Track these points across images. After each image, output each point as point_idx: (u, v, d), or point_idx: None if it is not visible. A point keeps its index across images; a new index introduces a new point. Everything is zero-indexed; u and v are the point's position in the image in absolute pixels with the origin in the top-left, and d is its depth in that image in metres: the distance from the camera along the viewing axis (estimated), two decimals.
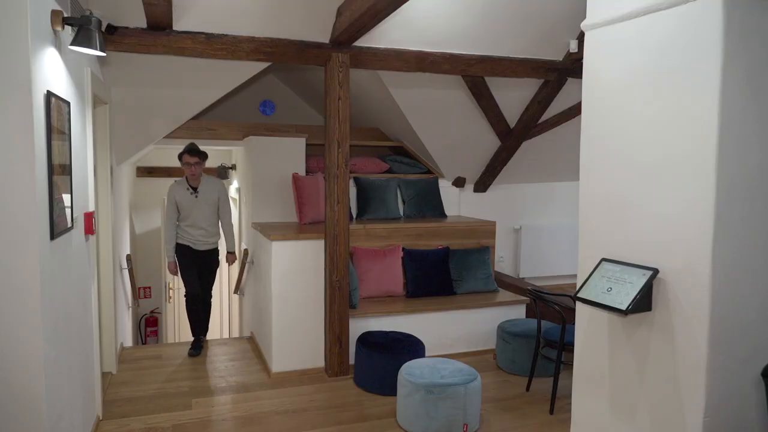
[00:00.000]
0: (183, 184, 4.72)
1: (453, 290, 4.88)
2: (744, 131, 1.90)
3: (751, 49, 1.88)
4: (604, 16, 2.26)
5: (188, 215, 4.71)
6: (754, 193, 1.94)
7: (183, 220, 4.76)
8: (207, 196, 4.75)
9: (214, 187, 4.80)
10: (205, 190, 4.74)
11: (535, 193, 6.29)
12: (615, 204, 2.25)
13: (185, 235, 4.75)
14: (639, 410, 2.16)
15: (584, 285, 2.25)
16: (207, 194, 4.75)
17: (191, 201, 4.70)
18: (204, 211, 4.74)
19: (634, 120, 2.15)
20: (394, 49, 4.12)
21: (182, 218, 4.76)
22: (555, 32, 4.37)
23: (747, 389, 2.00)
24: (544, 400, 3.79)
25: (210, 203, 4.76)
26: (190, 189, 4.71)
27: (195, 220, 4.72)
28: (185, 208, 4.70)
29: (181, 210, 4.72)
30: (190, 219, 4.72)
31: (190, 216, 4.71)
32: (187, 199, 4.70)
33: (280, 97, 6.78)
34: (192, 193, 4.70)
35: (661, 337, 2.06)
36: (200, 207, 4.71)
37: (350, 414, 3.61)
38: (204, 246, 4.81)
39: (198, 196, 4.70)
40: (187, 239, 4.76)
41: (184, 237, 4.77)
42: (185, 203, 4.70)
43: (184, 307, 4.98)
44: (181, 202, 4.69)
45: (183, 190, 4.71)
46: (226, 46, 3.73)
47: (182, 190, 4.71)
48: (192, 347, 4.84)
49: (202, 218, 4.74)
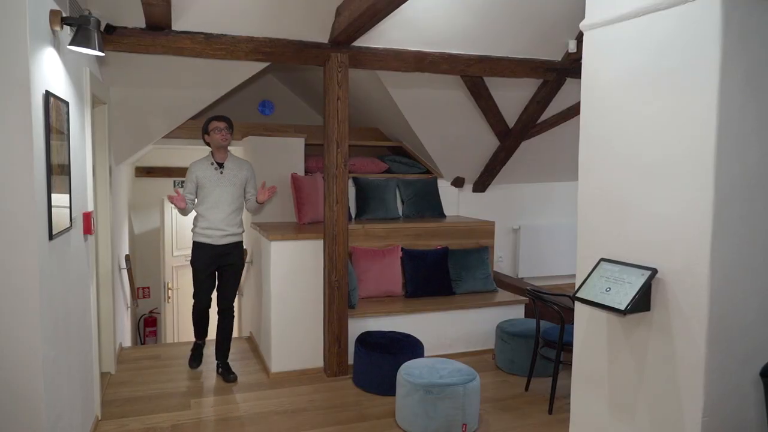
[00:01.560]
0: (207, 159, 4.05)
1: (452, 290, 4.88)
2: (743, 131, 1.90)
3: (750, 49, 1.88)
4: (603, 16, 2.26)
5: (209, 195, 3.97)
6: (753, 193, 1.95)
7: (202, 202, 4.00)
8: (234, 173, 4.04)
9: (243, 166, 4.12)
10: (232, 167, 4.05)
11: (534, 193, 6.30)
12: (614, 204, 2.25)
13: (202, 224, 4.02)
14: (638, 410, 2.17)
15: (583, 285, 2.25)
16: (234, 171, 4.05)
17: (215, 178, 3.98)
18: (229, 193, 4.01)
19: (633, 120, 2.15)
20: (392, 49, 4.12)
21: (201, 200, 4.01)
22: (554, 32, 4.37)
23: (746, 389, 2.00)
24: (543, 400, 3.79)
25: (236, 183, 4.04)
26: (215, 164, 4.02)
27: (217, 202, 3.97)
28: (206, 186, 3.97)
29: (201, 189, 3.99)
30: (211, 200, 3.97)
31: (211, 196, 3.97)
32: (210, 175, 3.98)
33: (279, 97, 6.78)
34: (217, 168, 4.01)
35: (660, 337, 2.06)
36: (224, 186, 3.99)
37: (349, 414, 3.61)
38: (225, 239, 4.04)
39: (224, 172, 4.01)
40: (204, 233, 4.02)
41: (200, 229, 4.03)
42: (207, 180, 3.97)
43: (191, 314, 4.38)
44: (203, 178, 3.98)
45: (206, 165, 4.01)
46: (225, 46, 3.73)
47: (205, 165, 4.02)
48: (192, 354, 4.41)
49: (226, 200, 3.99)
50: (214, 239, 4.02)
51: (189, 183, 4.04)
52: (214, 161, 4.04)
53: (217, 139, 3.98)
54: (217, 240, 4.03)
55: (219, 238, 4.03)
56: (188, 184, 4.04)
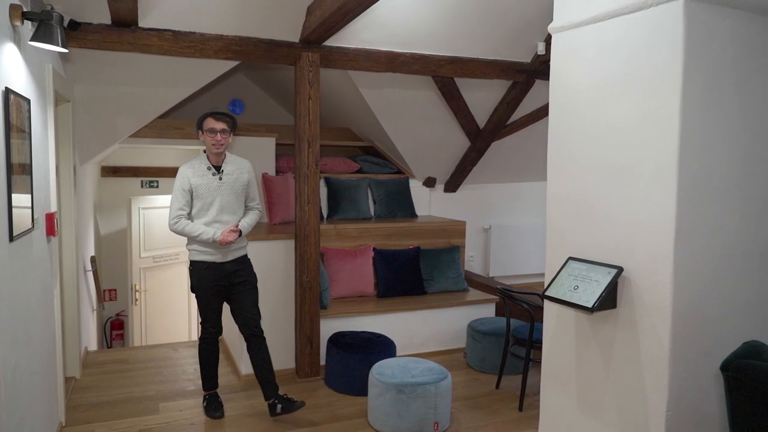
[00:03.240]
0: (200, 162, 3.40)
1: (424, 290, 4.91)
2: (705, 134, 1.96)
3: (712, 53, 1.94)
4: (571, 19, 2.30)
5: (207, 207, 3.35)
6: (714, 193, 2.00)
7: (199, 215, 3.36)
8: (234, 178, 3.42)
9: (242, 167, 3.51)
10: (231, 170, 3.43)
11: (505, 193, 6.37)
12: (581, 204, 2.29)
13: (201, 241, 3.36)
14: (605, 406, 2.21)
15: (552, 283, 2.29)
16: (234, 176, 3.43)
17: (212, 186, 3.35)
18: (230, 201, 3.40)
19: (599, 122, 2.20)
20: (364, 49, 4.12)
21: (197, 213, 3.36)
22: (523, 34, 4.43)
23: (707, 383, 2.06)
24: (513, 397, 3.84)
25: (238, 189, 3.44)
26: (212, 169, 3.39)
27: (217, 214, 3.36)
28: (203, 195, 3.34)
29: (198, 199, 3.34)
30: (210, 213, 3.35)
31: (210, 208, 3.35)
32: (207, 183, 3.34)
33: (249, 96, 6.70)
34: (214, 174, 3.37)
35: (626, 333, 2.10)
36: (225, 194, 3.39)
37: (321, 415, 3.59)
38: (230, 254, 3.43)
39: (222, 178, 3.38)
40: (205, 250, 3.38)
41: (200, 246, 3.38)
42: (204, 189, 3.33)
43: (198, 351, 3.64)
44: (199, 187, 3.32)
45: (201, 171, 3.36)
46: (194, 44, 3.67)
47: (200, 170, 3.36)
48: (208, 404, 3.61)
49: (228, 210, 3.39)
50: (219, 256, 3.39)
51: (182, 193, 3.32)
52: (211, 165, 3.40)
53: (210, 144, 3.35)
54: (223, 257, 3.40)
55: (225, 254, 3.41)
56: (180, 195, 3.32)
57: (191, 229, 3.32)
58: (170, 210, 3.35)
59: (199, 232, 3.30)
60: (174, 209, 3.33)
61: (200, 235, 3.30)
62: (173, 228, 3.34)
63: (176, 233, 3.37)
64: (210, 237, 3.29)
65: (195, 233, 3.31)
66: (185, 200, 3.34)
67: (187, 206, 3.35)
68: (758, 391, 1.76)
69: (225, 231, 3.32)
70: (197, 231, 3.31)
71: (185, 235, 3.36)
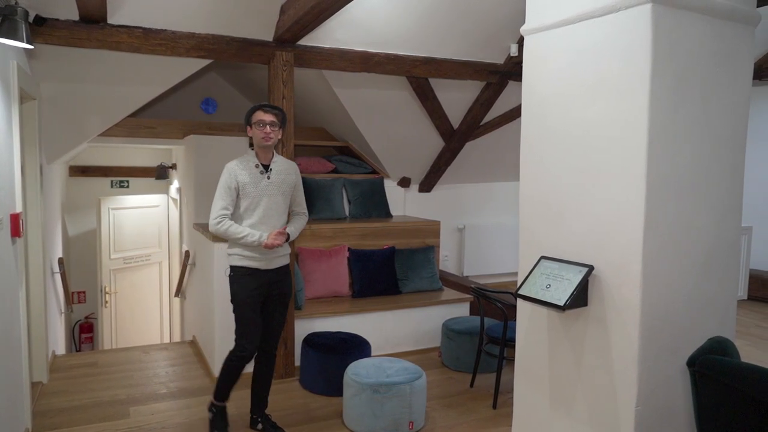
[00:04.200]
0: (248, 159, 3.14)
1: (399, 289, 4.92)
2: (672, 134, 2.00)
3: (679, 56, 1.99)
4: (542, 21, 2.33)
5: (255, 206, 3.10)
6: (682, 192, 2.05)
7: (244, 216, 3.11)
8: (282, 178, 3.18)
9: (291, 168, 3.27)
10: (280, 169, 3.19)
11: (479, 193, 6.43)
12: (553, 204, 2.32)
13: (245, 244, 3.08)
14: (576, 402, 2.25)
15: (525, 282, 2.31)
16: (282, 176, 3.19)
17: (261, 184, 3.10)
18: (277, 202, 3.16)
19: (570, 123, 2.23)
20: (338, 49, 4.11)
21: (243, 213, 3.11)
22: (496, 36, 4.48)
23: (675, 378, 2.11)
24: (487, 395, 3.87)
25: (285, 190, 3.20)
26: (261, 167, 3.13)
27: (265, 215, 3.11)
28: (251, 194, 3.08)
29: (244, 198, 3.08)
30: (258, 212, 3.10)
31: (258, 207, 3.10)
32: (255, 181, 3.09)
33: (222, 95, 6.63)
34: (262, 172, 3.12)
35: (597, 331, 2.14)
36: (273, 195, 3.14)
37: (296, 416, 3.57)
38: (275, 261, 3.19)
39: (270, 177, 3.14)
40: (250, 255, 3.10)
41: (245, 250, 3.10)
42: (251, 188, 3.08)
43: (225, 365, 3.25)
44: (247, 185, 3.07)
45: (249, 168, 3.10)
46: (165, 42, 3.61)
47: (247, 167, 3.10)
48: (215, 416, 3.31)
49: (276, 213, 3.16)
50: (264, 263, 3.13)
51: (227, 191, 3.06)
52: (259, 163, 3.14)
53: (259, 138, 3.08)
54: (267, 264, 3.14)
55: (270, 261, 3.15)
56: (225, 193, 3.06)
57: (235, 231, 3.03)
58: (213, 209, 3.07)
59: (245, 233, 3.02)
60: (217, 208, 3.05)
61: (245, 237, 3.02)
62: (215, 228, 3.06)
63: (218, 235, 3.10)
64: (256, 240, 3.03)
65: (239, 235, 3.02)
66: (230, 199, 3.06)
67: (232, 206, 3.08)
68: (723, 385, 1.81)
69: (272, 233, 3.06)
70: (242, 233, 3.02)
71: (228, 237, 3.08)
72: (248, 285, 3.11)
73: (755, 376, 1.74)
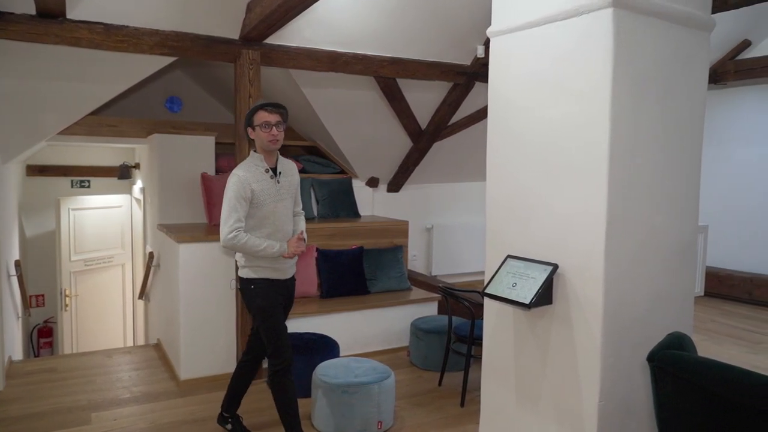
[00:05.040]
0: (257, 164, 2.90)
1: (367, 289, 4.92)
2: (633, 137, 2.06)
3: (639, 60, 2.04)
4: (508, 24, 2.36)
5: (269, 214, 2.89)
6: (642, 192, 2.11)
7: (260, 225, 2.89)
8: (289, 180, 3.01)
9: (292, 167, 3.10)
10: (286, 171, 3.00)
11: (446, 192, 6.48)
12: (519, 203, 2.36)
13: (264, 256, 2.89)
14: (542, 398, 2.29)
15: (491, 281, 2.34)
16: (288, 178, 3.01)
17: (273, 190, 2.90)
18: (288, 207, 3.00)
19: (535, 124, 2.27)
20: (306, 48, 4.09)
21: (258, 223, 2.89)
22: (463, 37, 4.52)
23: (636, 374, 2.17)
24: (455, 393, 3.90)
25: (292, 193, 3.03)
26: (270, 171, 2.91)
27: (280, 222, 2.93)
28: (266, 202, 2.87)
29: (259, 207, 2.86)
30: (273, 222, 2.91)
31: (272, 216, 2.90)
32: (267, 188, 2.88)
33: (187, 94, 6.52)
34: (272, 177, 2.91)
35: (561, 328, 2.19)
36: (284, 200, 2.96)
37: (264, 419, 3.54)
38: (291, 270, 3.06)
39: (280, 181, 2.94)
40: (272, 266, 2.92)
41: (265, 261, 2.91)
42: (265, 196, 2.86)
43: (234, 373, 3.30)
44: (260, 194, 2.85)
45: (259, 175, 2.87)
46: (127, 39, 3.53)
47: (258, 174, 2.87)
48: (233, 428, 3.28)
49: (287, 218, 3.00)
50: (283, 272, 2.98)
51: (240, 202, 2.80)
52: (268, 167, 2.92)
53: (264, 141, 2.85)
54: (284, 273, 2.98)
55: (286, 270, 2.99)
56: (239, 204, 2.80)
57: (254, 243, 2.80)
58: (225, 222, 2.80)
59: (264, 245, 2.81)
60: (231, 221, 2.79)
61: (265, 250, 2.82)
62: (231, 243, 2.81)
63: (233, 249, 2.88)
64: (276, 251, 2.83)
65: (260, 248, 2.81)
66: (243, 210, 2.81)
67: (245, 217, 2.83)
68: (681, 379, 1.87)
69: (291, 241, 2.90)
70: (261, 245, 2.81)
71: (246, 251, 2.84)
72: (273, 296, 2.95)
73: (711, 369, 1.81)
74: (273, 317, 2.93)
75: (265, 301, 2.93)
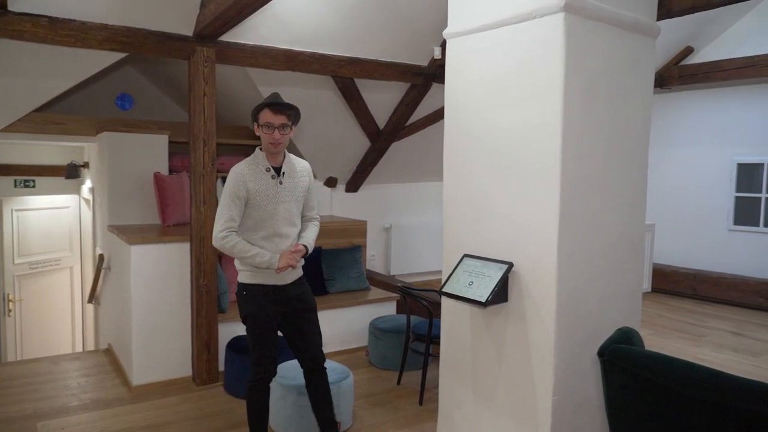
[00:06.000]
0: (258, 162, 2.74)
1: (326, 290, 4.89)
2: (584, 138, 2.12)
3: (589, 63, 2.10)
4: (463, 26, 2.39)
5: (266, 216, 2.73)
6: (591, 191, 2.18)
7: (257, 227, 2.74)
8: (296, 182, 2.81)
9: (303, 169, 2.88)
10: (292, 172, 2.81)
11: (405, 192, 6.52)
12: (475, 203, 2.39)
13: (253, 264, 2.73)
14: (498, 394, 2.33)
15: (448, 280, 2.37)
16: (295, 179, 2.81)
17: (272, 192, 2.72)
18: (291, 210, 2.79)
19: (489, 125, 2.31)
20: (262, 47, 4.04)
21: (255, 225, 2.74)
22: (421, 38, 4.56)
23: (587, 369, 2.23)
24: (414, 392, 3.93)
25: (298, 196, 2.83)
26: (272, 170, 2.75)
27: (278, 226, 2.75)
28: (262, 203, 2.71)
29: (255, 208, 2.71)
30: (270, 224, 2.74)
31: (270, 219, 2.73)
32: (266, 188, 2.71)
33: (139, 91, 6.34)
34: (274, 177, 2.74)
35: (516, 325, 2.23)
36: (286, 202, 2.77)
37: (220, 423, 3.47)
38: (291, 275, 2.84)
39: (283, 181, 2.76)
40: (263, 271, 2.75)
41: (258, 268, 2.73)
42: (263, 196, 2.70)
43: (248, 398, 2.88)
44: (257, 193, 2.69)
45: (259, 173, 2.72)
46: (75, 33, 3.40)
47: (257, 172, 2.72)
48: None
49: (289, 221, 2.79)
50: (279, 278, 2.78)
51: (234, 200, 2.67)
52: (270, 166, 2.75)
53: (266, 143, 2.70)
54: (282, 279, 2.79)
55: (285, 275, 2.79)
56: (232, 203, 2.67)
57: (242, 248, 2.67)
58: (217, 221, 2.69)
59: (252, 253, 2.67)
60: (222, 220, 2.67)
61: (253, 258, 2.67)
62: (220, 244, 2.69)
63: (223, 251, 2.76)
64: (266, 261, 2.67)
65: (248, 254, 2.67)
66: (238, 210, 2.67)
67: (239, 216, 2.69)
68: (629, 373, 1.94)
69: (285, 254, 2.70)
70: (250, 251, 2.67)
71: (234, 255, 2.71)
72: (266, 304, 2.77)
73: (657, 363, 1.88)
74: (258, 328, 2.78)
75: (255, 309, 2.78)
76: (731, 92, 6.41)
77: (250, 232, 2.73)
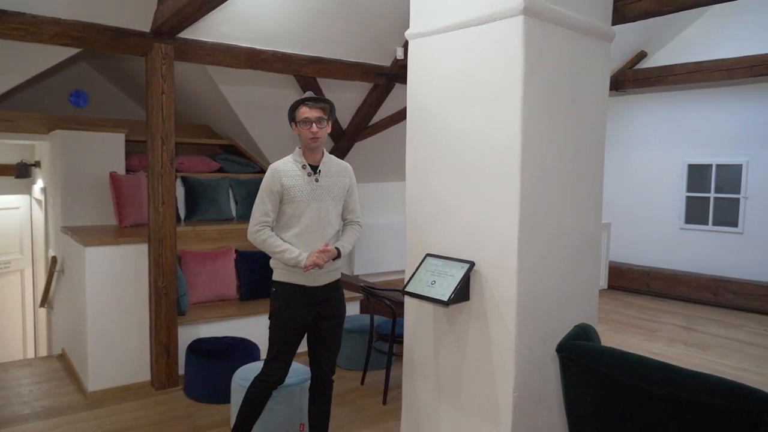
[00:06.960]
0: (294, 159, 2.72)
1: None
2: (542, 138, 2.16)
3: (548, 65, 2.15)
4: (425, 27, 2.41)
5: (301, 213, 2.67)
6: (551, 192, 2.22)
7: (290, 224, 2.69)
8: (333, 181, 2.75)
9: (343, 169, 2.82)
10: (330, 171, 2.75)
11: (368, 192, 6.50)
12: (437, 203, 2.41)
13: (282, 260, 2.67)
14: (461, 392, 2.35)
15: (411, 279, 2.39)
16: (333, 179, 2.76)
17: (307, 189, 2.67)
18: (326, 209, 2.72)
19: (450, 126, 2.33)
20: (223, 44, 3.97)
21: (287, 221, 2.70)
22: (384, 38, 4.57)
23: (547, 365, 2.28)
24: (377, 392, 3.93)
25: (336, 195, 2.76)
26: (308, 168, 2.70)
27: (312, 224, 2.68)
28: (297, 199, 2.66)
29: (289, 203, 2.67)
30: (305, 220, 2.67)
31: (304, 215, 2.67)
32: (301, 184, 2.67)
33: (94, 88, 6.15)
34: (310, 174, 2.69)
35: (478, 323, 2.26)
36: (322, 200, 2.70)
37: (180, 427, 3.40)
38: (324, 277, 2.74)
39: (319, 179, 2.71)
40: (295, 270, 2.67)
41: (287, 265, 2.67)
42: (297, 192, 2.66)
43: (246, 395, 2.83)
44: (291, 189, 2.65)
45: (294, 170, 2.68)
46: (23, 27, 3.27)
47: (294, 168, 2.69)
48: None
49: (323, 221, 2.72)
50: (310, 279, 2.70)
51: (269, 195, 2.65)
52: (306, 163, 2.71)
53: (306, 138, 2.67)
54: (313, 280, 2.71)
55: (317, 276, 2.71)
56: (267, 198, 2.66)
57: (273, 243, 2.63)
58: (252, 215, 2.70)
59: (281, 249, 2.62)
60: (257, 214, 2.67)
61: (282, 254, 2.62)
62: (253, 238, 2.69)
63: (255, 245, 2.72)
64: (294, 258, 2.60)
65: (277, 249, 2.63)
66: (272, 204, 2.66)
67: (274, 212, 2.68)
68: (586, 368, 1.99)
69: (313, 252, 2.61)
70: (279, 247, 2.63)
71: (265, 249, 2.68)
72: (294, 305, 2.71)
73: (612, 357, 1.93)
74: (281, 327, 2.72)
75: (281, 307, 2.73)
76: (682, 96, 6.66)
77: (283, 229, 2.71)
